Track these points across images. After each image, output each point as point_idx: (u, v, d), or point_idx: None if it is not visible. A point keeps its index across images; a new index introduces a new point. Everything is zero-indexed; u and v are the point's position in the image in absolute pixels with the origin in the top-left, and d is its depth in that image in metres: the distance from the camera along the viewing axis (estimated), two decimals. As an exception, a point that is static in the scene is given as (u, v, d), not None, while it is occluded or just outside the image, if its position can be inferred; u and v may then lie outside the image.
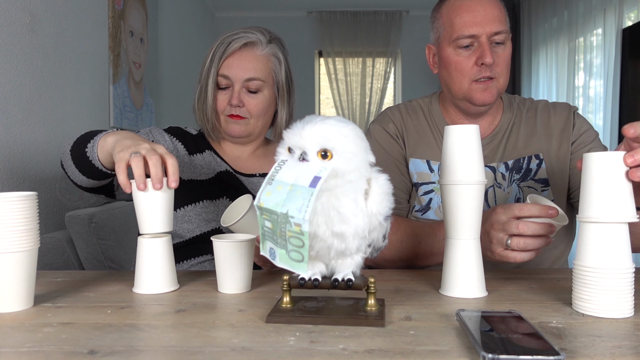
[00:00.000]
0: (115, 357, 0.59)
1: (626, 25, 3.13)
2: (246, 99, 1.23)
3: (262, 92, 1.23)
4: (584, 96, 3.56)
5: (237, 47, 1.22)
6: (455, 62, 1.15)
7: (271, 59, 1.25)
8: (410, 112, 1.30)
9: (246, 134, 1.25)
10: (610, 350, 0.61)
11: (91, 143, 1.02)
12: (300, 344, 0.63)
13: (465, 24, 1.12)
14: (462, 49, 1.14)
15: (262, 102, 1.23)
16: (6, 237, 0.76)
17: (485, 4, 1.13)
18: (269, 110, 1.27)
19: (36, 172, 1.73)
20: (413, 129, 1.28)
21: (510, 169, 1.22)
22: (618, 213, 0.72)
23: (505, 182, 1.21)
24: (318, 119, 0.69)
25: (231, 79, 1.22)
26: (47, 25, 1.80)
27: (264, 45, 1.24)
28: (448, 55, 1.17)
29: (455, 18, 1.14)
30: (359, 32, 5.08)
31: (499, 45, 1.14)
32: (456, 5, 1.15)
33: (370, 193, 0.71)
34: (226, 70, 1.22)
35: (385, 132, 1.27)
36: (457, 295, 0.85)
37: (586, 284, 0.74)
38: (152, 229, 0.88)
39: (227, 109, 1.23)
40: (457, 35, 1.13)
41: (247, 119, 1.23)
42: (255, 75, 1.22)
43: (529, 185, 1.21)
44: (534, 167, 1.22)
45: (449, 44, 1.16)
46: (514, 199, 1.21)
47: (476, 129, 0.86)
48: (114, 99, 2.43)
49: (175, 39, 3.58)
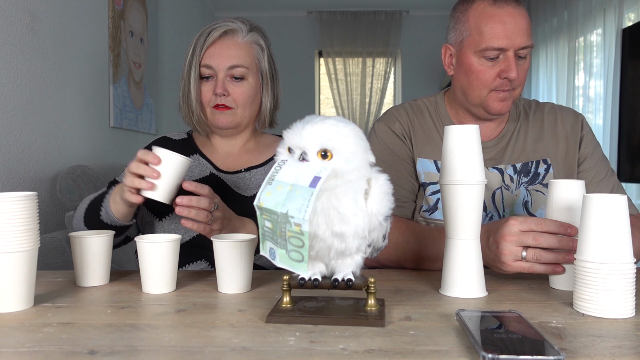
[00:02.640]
0: (115, 357, 0.59)
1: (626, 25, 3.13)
2: (231, 88, 1.21)
3: (247, 79, 1.21)
4: (584, 96, 3.56)
5: (217, 35, 1.20)
6: (478, 72, 1.14)
7: (253, 46, 1.24)
8: (416, 112, 1.29)
9: (234, 125, 1.23)
10: (610, 350, 0.61)
11: (102, 210, 1.10)
12: (300, 344, 0.63)
13: (496, 36, 1.10)
14: (487, 59, 1.12)
15: (248, 90, 1.21)
16: (6, 237, 0.76)
17: (516, 16, 1.10)
18: (255, 99, 1.24)
19: (36, 172, 1.73)
20: (420, 128, 1.26)
21: (518, 172, 1.22)
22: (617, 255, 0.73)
23: (514, 184, 1.21)
24: (318, 119, 0.69)
25: (214, 68, 1.20)
26: (47, 25, 1.80)
27: (244, 33, 1.22)
28: (471, 63, 1.15)
29: (486, 27, 1.11)
30: (359, 32, 5.08)
31: (521, 59, 1.14)
32: (487, 13, 1.12)
33: (370, 193, 0.71)
34: (208, 59, 1.20)
35: (392, 132, 1.26)
36: (457, 295, 0.85)
37: (587, 283, 0.74)
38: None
39: (212, 99, 1.21)
40: (486, 46, 1.11)
41: (233, 109, 1.21)
42: (238, 62, 1.20)
43: (537, 189, 1.21)
44: (542, 172, 1.22)
45: (474, 52, 1.13)
46: (522, 202, 1.21)
47: (476, 129, 0.86)
48: (114, 99, 2.43)
49: (175, 39, 3.58)
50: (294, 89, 4.89)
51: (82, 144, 2.10)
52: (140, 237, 0.91)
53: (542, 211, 1.19)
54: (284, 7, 5.03)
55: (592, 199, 0.74)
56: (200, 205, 0.95)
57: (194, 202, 0.95)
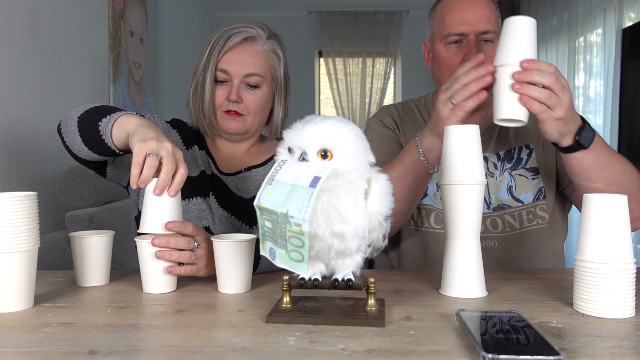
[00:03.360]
0: (115, 357, 0.59)
1: (626, 25, 3.12)
2: (245, 95, 1.21)
3: (261, 88, 1.22)
4: (584, 96, 3.56)
5: (237, 41, 1.20)
6: (445, 58, 1.21)
7: (270, 55, 1.24)
8: (407, 110, 1.37)
9: (242, 131, 1.23)
10: (610, 350, 0.61)
11: (107, 118, 0.99)
12: (300, 344, 0.63)
13: (456, 22, 1.18)
14: (451, 45, 1.20)
15: (261, 99, 1.22)
16: (6, 237, 0.76)
17: (475, 4, 1.19)
18: (266, 107, 1.25)
19: (36, 172, 1.73)
20: (410, 123, 1.34)
21: (502, 159, 1.26)
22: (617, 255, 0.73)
23: (497, 171, 1.25)
24: (318, 119, 0.69)
25: (230, 74, 1.20)
26: (47, 25, 1.80)
27: (263, 40, 1.22)
28: (439, 51, 1.22)
29: (447, 16, 1.20)
30: (359, 32, 5.08)
31: (487, 43, 1.19)
32: (449, 5, 1.21)
33: (370, 193, 0.71)
34: (225, 64, 1.20)
35: (383, 124, 1.34)
36: (457, 295, 0.85)
37: (587, 283, 0.74)
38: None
39: (224, 104, 1.21)
40: (448, 33, 1.19)
41: (244, 116, 1.21)
42: (255, 71, 1.20)
43: (520, 173, 1.25)
44: (525, 157, 1.26)
45: (440, 40, 1.22)
46: (506, 187, 1.24)
47: (476, 129, 0.86)
48: (114, 99, 2.43)
49: (175, 39, 3.58)
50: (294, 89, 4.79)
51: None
52: (141, 237, 0.91)
53: (525, 195, 1.24)
54: (284, 7, 5.03)
55: (592, 199, 0.74)
56: (178, 246, 0.90)
57: (172, 243, 0.89)
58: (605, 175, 1.00)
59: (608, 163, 1.00)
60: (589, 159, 0.98)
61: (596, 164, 0.99)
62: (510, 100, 0.92)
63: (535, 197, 1.23)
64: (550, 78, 0.90)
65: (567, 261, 1.32)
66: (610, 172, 1.00)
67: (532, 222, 1.23)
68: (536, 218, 1.22)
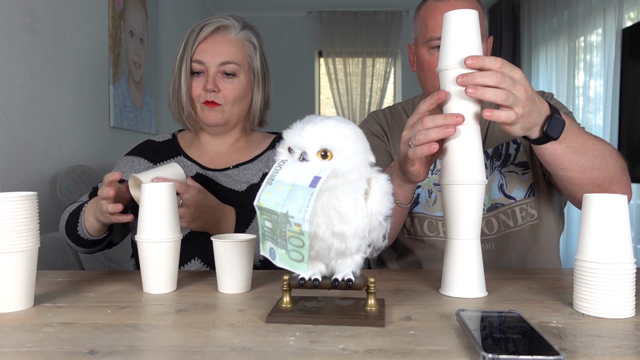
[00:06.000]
0: (115, 357, 0.59)
1: (626, 25, 3.12)
2: (222, 84, 1.20)
3: (238, 77, 1.21)
4: (584, 96, 3.56)
5: (210, 31, 1.20)
6: (428, 62, 1.18)
7: (246, 43, 1.23)
8: (394, 115, 1.35)
9: (222, 122, 1.22)
10: (610, 350, 0.61)
11: (79, 226, 1.16)
12: (300, 344, 0.63)
13: (437, 26, 1.14)
14: (434, 49, 1.17)
15: (238, 87, 1.21)
16: (6, 237, 0.76)
17: (458, 6, 1.15)
18: (245, 97, 1.24)
19: (36, 172, 1.73)
20: (397, 129, 1.31)
21: (490, 157, 1.25)
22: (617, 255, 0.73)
23: (488, 170, 1.24)
24: (318, 119, 0.69)
25: (205, 64, 1.20)
26: (47, 25, 1.80)
27: (237, 29, 1.22)
28: (422, 55, 1.20)
29: (430, 19, 1.18)
30: (359, 32, 5.08)
31: None
32: (431, 7, 1.19)
33: (370, 193, 0.71)
34: (200, 55, 1.20)
35: (370, 132, 1.31)
36: (457, 295, 0.85)
37: (587, 283, 0.74)
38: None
39: (202, 95, 1.21)
40: (430, 37, 1.17)
41: (222, 106, 1.21)
42: (230, 59, 1.20)
43: (510, 169, 1.24)
44: (513, 152, 1.24)
45: (423, 44, 1.20)
46: (498, 186, 1.23)
47: (477, 129, 0.86)
48: (114, 99, 2.43)
49: (175, 39, 3.57)
50: (294, 89, 4.88)
51: (82, 144, 2.10)
52: (141, 237, 0.91)
53: (517, 191, 1.23)
54: (284, 7, 5.03)
55: (592, 199, 0.74)
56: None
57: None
58: (580, 162, 0.94)
59: (583, 149, 0.94)
60: (560, 149, 0.91)
61: (569, 152, 0.93)
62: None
63: (527, 193, 1.23)
64: (495, 78, 0.80)
65: (566, 256, 1.32)
66: (586, 158, 0.95)
67: (525, 219, 1.22)
68: (528, 215, 1.23)
